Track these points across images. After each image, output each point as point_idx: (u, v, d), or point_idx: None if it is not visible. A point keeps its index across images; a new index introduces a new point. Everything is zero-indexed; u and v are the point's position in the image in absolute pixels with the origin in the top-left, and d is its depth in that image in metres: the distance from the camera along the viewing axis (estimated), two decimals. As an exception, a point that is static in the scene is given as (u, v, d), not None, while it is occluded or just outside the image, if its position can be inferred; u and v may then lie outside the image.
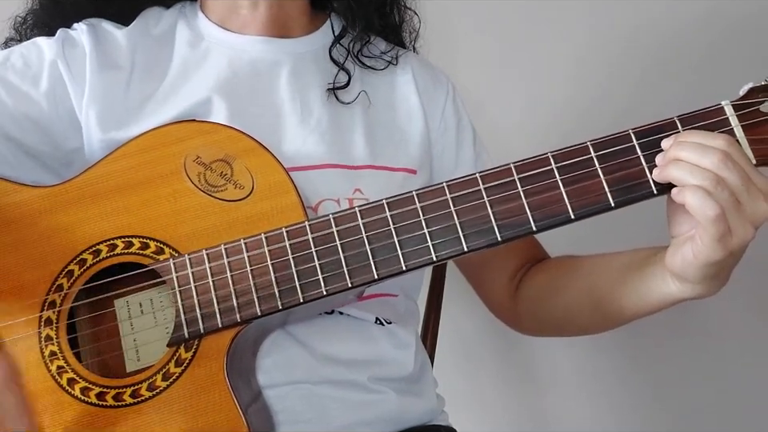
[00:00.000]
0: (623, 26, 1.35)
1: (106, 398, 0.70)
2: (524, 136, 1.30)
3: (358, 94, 0.91)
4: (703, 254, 0.67)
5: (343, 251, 0.71)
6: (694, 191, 0.65)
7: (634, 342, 1.35)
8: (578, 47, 1.36)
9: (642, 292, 0.78)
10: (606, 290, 0.82)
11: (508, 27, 1.38)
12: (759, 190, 0.66)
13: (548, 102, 1.36)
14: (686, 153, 0.67)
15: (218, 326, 0.70)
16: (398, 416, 0.83)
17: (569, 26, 1.36)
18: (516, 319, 0.97)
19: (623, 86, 1.33)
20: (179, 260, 0.72)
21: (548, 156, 0.71)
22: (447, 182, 0.71)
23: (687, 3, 1.32)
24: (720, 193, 0.65)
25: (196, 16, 0.93)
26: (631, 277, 0.79)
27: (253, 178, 0.75)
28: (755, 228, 0.67)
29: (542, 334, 1.01)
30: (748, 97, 0.71)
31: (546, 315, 0.92)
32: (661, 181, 0.69)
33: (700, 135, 0.68)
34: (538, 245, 0.97)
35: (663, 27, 1.34)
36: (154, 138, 0.76)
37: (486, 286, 0.99)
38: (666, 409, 1.38)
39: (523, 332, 0.99)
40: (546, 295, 0.91)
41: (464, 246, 0.70)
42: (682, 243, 0.70)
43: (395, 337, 0.86)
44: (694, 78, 1.29)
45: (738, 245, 0.67)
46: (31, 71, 0.84)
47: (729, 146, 0.67)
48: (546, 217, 0.70)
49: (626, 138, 0.71)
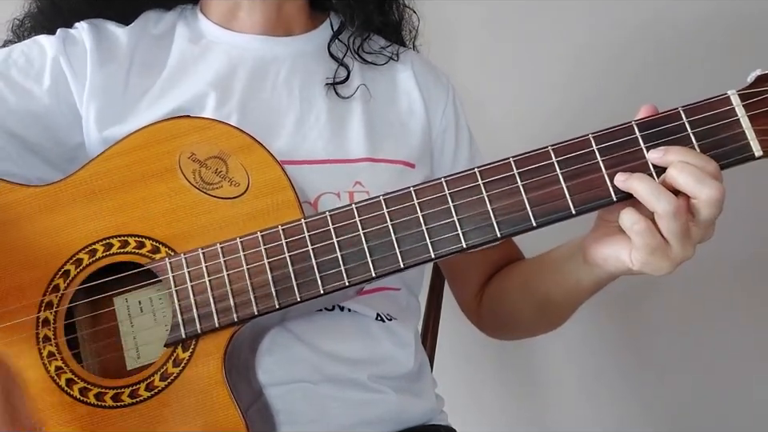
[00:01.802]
0: (622, 26, 1.34)
1: (105, 398, 0.70)
2: (522, 134, 1.30)
3: (357, 88, 0.90)
4: (639, 262, 0.68)
5: (340, 249, 0.70)
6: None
7: (633, 342, 1.35)
8: (576, 46, 1.35)
9: (570, 284, 0.79)
10: (540, 282, 0.84)
11: (507, 26, 1.37)
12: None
13: (547, 100, 1.35)
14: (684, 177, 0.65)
15: (215, 326, 0.70)
16: (398, 416, 0.83)
17: (567, 26, 1.35)
18: (480, 321, 0.99)
19: (622, 85, 1.32)
20: (175, 259, 0.71)
21: (548, 150, 0.69)
22: (445, 178, 0.70)
23: (688, 2, 1.30)
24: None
25: (196, 17, 0.93)
26: (561, 266, 0.80)
27: (248, 174, 0.73)
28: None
29: (500, 334, 1.02)
30: (756, 85, 0.69)
31: (498, 314, 0.95)
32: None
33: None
34: (514, 248, 0.98)
35: (663, 26, 1.33)
36: (149, 134, 0.75)
37: (458, 285, 1.01)
38: (665, 408, 1.38)
39: (486, 333, 1.01)
40: (497, 295, 0.94)
41: (463, 243, 0.69)
42: (618, 242, 0.70)
43: (395, 335, 0.86)
44: (694, 76, 1.28)
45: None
46: (33, 68, 0.85)
47: None
48: (547, 212, 0.68)
49: (628, 130, 0.69)
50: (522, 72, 1.36)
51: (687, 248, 0.66)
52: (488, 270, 0.97)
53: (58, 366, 0.71)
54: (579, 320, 0.86)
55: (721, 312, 1.32)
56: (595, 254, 0.73)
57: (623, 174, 0.67)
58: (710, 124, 0.68)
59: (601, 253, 0.72)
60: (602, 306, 0.84)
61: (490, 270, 0.96)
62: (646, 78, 1.31)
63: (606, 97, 1.32)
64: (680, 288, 1.27)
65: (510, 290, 0.92)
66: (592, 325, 1.33)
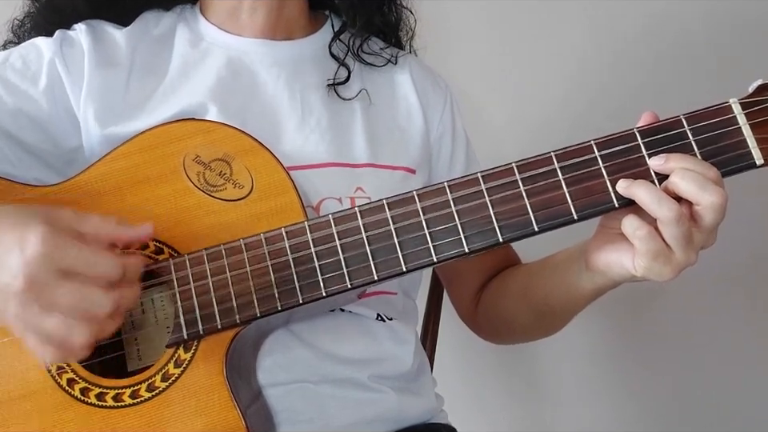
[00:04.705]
0: (622, 26, 1.35)
1: (106, 398, 0.70)
2: (521, 137, 1.31)
3: (358, 91, 0.91)
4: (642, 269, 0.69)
5: (343, 252, 0.70)
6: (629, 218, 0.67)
7: (633, 342, 1.35)
8: (577, 49, 1.35)
9: (569, 289, 0.79)
10: (539, 286, 0.84)
11: (505, 27, 1.37)
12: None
13: (546, 103, 1.36)
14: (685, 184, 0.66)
15: (217, 327, 0.70)
16: (398, 415, 0.83)
17: (568, 29, 1.35)
18: (476, 325, 0.99)
19: (622, 89, 1.32)
20: (178, 260, 0.72)
21: (551, 155, 0.70)
22: (448, 182, 0.70)
23: (689, 5, 1.31)
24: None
25: (196, 18, 0.93)
26: (561, 272, 0.80)
27: (252, 177, 0.74)
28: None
29: (496, 339, 1.02)
30: (757, 94, 0.70)
31: (494, 318, 0.94)
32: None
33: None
34: (511, 253, 0.98)
35: (664, 29, 1.33)
36: (153, 137, 0.76)
37: (455, 288, 1.01)
38: (664, 407, 1.37)
39: (482, 337, 1.01)
40: (494, 299, 0.94)
41: (465, 248, 0.69)
42: (621, 249, 0.70)
43: (395, 333, 0.86)
44: (695, 79, 1.29)
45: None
46: (30, 70, 0.85)
47: None
48: (549, 217, 0.69)
49: (630, 137, 0.70)
50: (522, 75, 1.37)
51: (690, 254, 0.67)
52: (485, 274, 0.97)
53: (60, 365, 0.71)
54: (580, 320, 0.86)
55: (721, 315, 1.32)
56: (598, 260, 0.73)
57: (625, 180, 0.68)
58: (712, 132, 0.69)
59: (604, 259, 0.72)
60: (603, 306, 0.84)
61: (488, 273, 0.97)
62: (647, 81, 1.32)
63: (605, 99, 1.32)
64: (681, 291, 1.27)
65: (508, 294, 0.92)
66: (592, 324, 1.33)
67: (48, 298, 0.58)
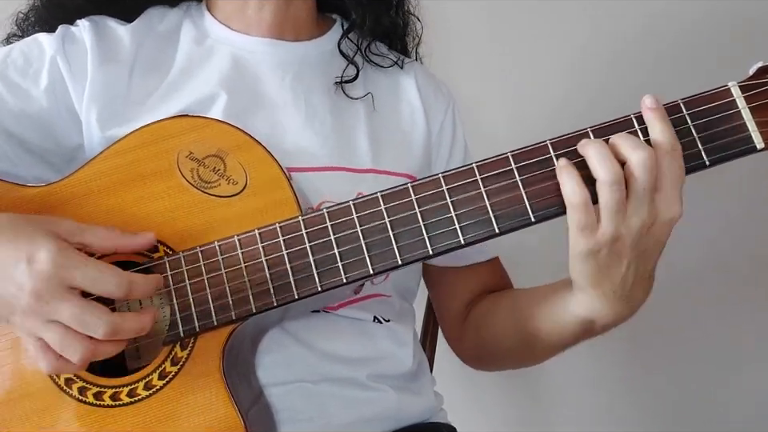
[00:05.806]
0: (622, 26, 1.34)
1: (104, 397, 0.70)
2: (522, 138, 1.29)
3: (365, 94, 0.90)
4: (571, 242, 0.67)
5: (338, 246, 0.69)
6: (569, 175, 0.65)
7: (633, 342, 1.34)
8: (576, 49, 1.34)
9: (554, 314, 0.77)
10: (527, 315, 0.81)
11: (505, 27, 1.37)
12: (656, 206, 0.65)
13: (546, 103, 1.35)
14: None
15: (213, 323, 0.69)
16: (397, 414, 0.83)
17: (567, 26, 1.34)
18: (460, 344, 0.97)
19: (621, 87, 1.31)
20: (173, 258, 0.71)
21: (546, 144, 0.69)
22: (443, 174, 0.70)
23: (689, 2, 1.30)
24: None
25: (202, 15, 0.92)
26: (546, 300, 0.78)
27: (246, 173, 0.73)
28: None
29: (480, 362, 0.98)
30: (757, 77, 0.68)
31: (480, 337, 0.92)
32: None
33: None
34: (504, 275, 0.97)
35: (663, 26, 1.32)
36: (147, 134, 0.75)
37: (444, 302, 0.98)
38: (664, 407, 1.36)
39: (465, 360, 0.98)
40: (483, 318, 0.91)
41: (461, 239, 0.68)
42: None
43: (394, 334, 0.86)
44: (694, 75, 1.26)
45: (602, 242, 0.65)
46: (32, 68, 0.84)
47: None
48: (545, 206, 0.68)
49: (628, 123, 0.68)
50: (522, 75, 1.36)
51: (618, 226, 0.65)
52: (475, 289, 0.95)
53: None
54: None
55: (721, 315, 1.31)
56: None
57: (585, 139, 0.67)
58: (711, 116, 0.68)
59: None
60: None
61: (478, 289, 0.95)
62: (647, 81, 1.30)
63: (606, 101, 1.30)
64: (681, 291, 1.26)
65: (497, 312, 0.89)
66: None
67: (50, 313, 0.62)
